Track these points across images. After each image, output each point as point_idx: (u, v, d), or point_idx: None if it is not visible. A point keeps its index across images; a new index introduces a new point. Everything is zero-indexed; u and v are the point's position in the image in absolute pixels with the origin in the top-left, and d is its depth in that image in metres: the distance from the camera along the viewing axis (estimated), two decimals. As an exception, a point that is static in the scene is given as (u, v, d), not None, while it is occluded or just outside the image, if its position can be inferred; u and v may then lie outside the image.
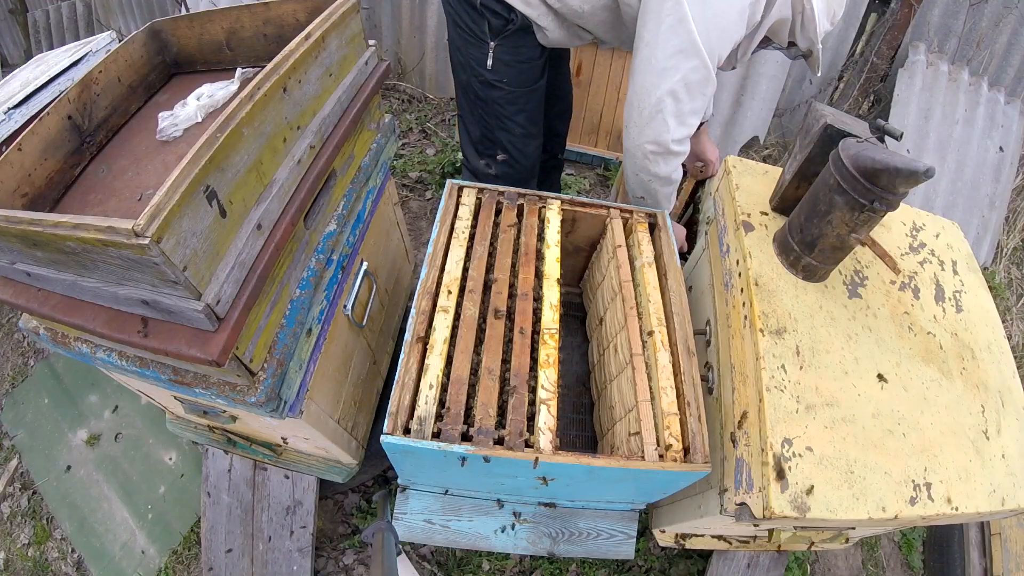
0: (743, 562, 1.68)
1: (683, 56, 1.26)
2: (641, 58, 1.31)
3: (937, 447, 1.09)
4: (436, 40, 3.10)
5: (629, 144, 1.41)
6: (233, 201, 0.87)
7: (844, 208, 1.07)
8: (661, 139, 1.36)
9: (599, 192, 2.98)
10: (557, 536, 1.53)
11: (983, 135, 2.89)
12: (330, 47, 1.13)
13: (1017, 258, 3.06)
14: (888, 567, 2.03)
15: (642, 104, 1.33)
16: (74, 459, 2.07)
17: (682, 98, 1.31)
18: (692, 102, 1.33)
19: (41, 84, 1.83)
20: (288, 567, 1.68)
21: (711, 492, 1.23)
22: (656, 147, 1.37)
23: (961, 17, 2.88)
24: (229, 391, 1.00)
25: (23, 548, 1.99)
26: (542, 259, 1.37)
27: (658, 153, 1.38)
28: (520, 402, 1.11)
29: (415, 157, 2.95)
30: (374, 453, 1.70)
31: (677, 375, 1.20)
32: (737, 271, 1.26)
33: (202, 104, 1.15)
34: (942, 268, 1.38)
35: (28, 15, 4.48)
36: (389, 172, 1.58)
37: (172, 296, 0.81)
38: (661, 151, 1.38)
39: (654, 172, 1.43)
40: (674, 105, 1.31)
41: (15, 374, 2.38)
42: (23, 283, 0.93)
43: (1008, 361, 1.28)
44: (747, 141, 3.01)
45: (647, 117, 1.34)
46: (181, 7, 3.03)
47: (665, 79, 1.28)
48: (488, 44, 1.51)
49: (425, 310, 1.20)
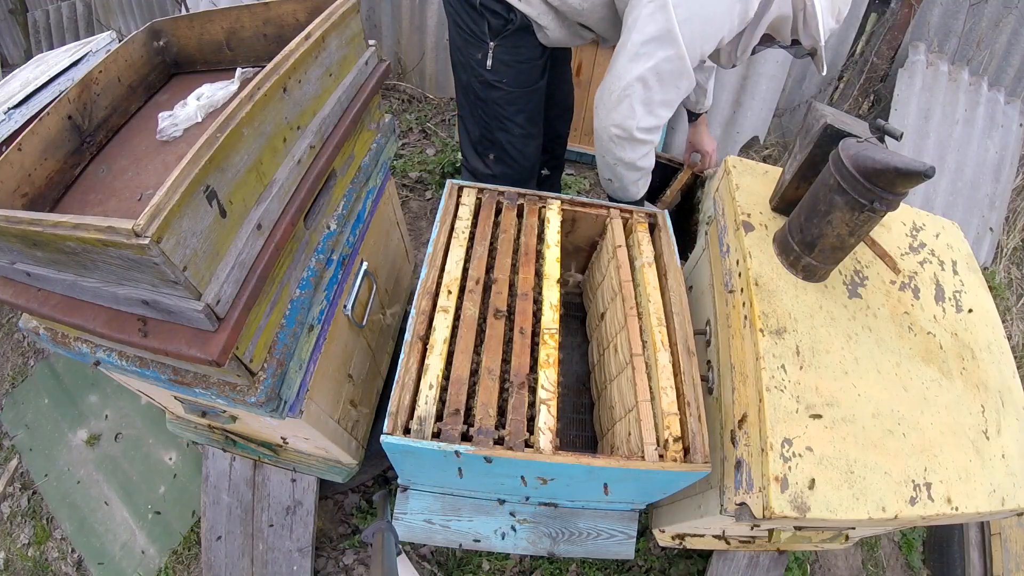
0: (743, 562, 1.68)
1: (658, 44, 1.24)
2: (620, 42, 1.31)
3: (937, 447, 1.09)
4: (436, 40, 3.09)
5: (597, 125, 1.41)
6: (233, 201, 0.87)
7: (844, 208, 1.07)
8: (626, 124, 1.34)
9: (599, 192, 2.98)
10: (557, 536, 1.53)
11: (983, 135, 2.89)
12: (330, 47, 1.13)
13: (1017, 258, 3.06)
14: (888, 567, 2.03)
15: (612, 87, 1.32)
16: (74, 459, 2.07)
17: (652, 86, 1.29)
18: (663, 92, 1.31)
19: (41, 84, 1.83)
20: (288, 567, 1.68)
21: (711, 492, 1.23)
22: (621, 132, 1.36)
23: (961, 17, 2.88)
24: (229, 391, 1.00)
25: (23, 548, 1.99)
26: (542, 259, 1.37)
27: (623, 138, 1.37)
28: (520, 402, 1.11)
29: (415, 157, 2.95)
30: (374, 453, 1.70)
31: (677, 375, 1.20)
32: (737, 271, 1.26)
33: (202, 104, 1.15)
34: (942, 268, 1.38)
35: (28, 15, 4.48)
36: (389, 172, 1.58)
37: (172, 296, 0.81)
38: (625, 136, 1.36)
39: (618, 156, 1.42)
40: (643, 92, 1.30)
41: (15, 374, 2.38)
42: (23, 283, 0.93)
43: (1008, 361, 1.28)
44: (747, 141, 3.01)
45: (615, 101, 1.33)
46: (181, 7, 3.03)
47: (637, 64, 1.27)
48: (488, 44, 1.51)
49: (425, 310, 1.20)
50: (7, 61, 4.77)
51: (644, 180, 1.53)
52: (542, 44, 1.55)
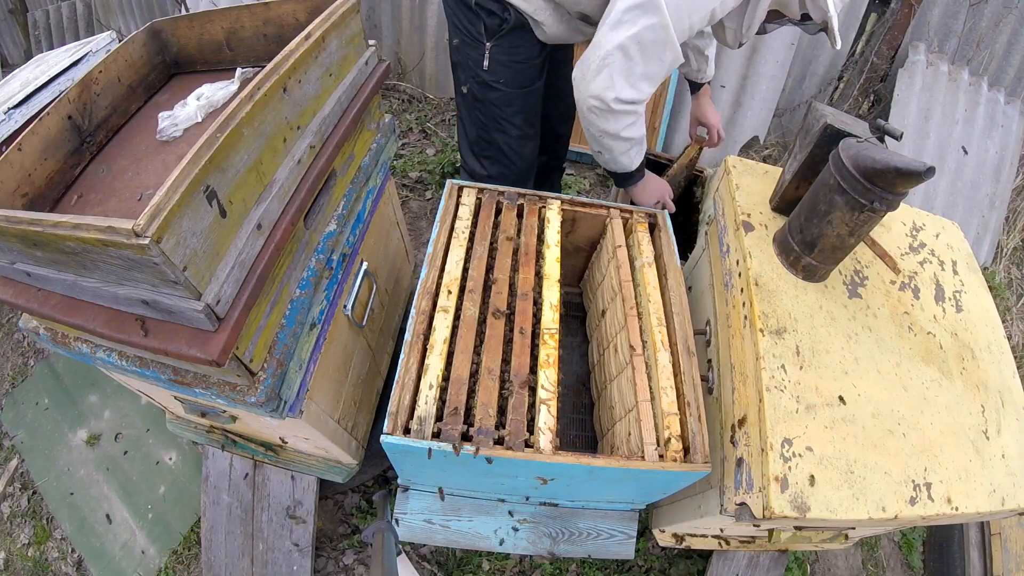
0: (743, 562, 1.68)
1: (640, 11, 1.18)
2: (604, 14, 1.27)
3: (937, 447, 1.09)
4: (436, 40, 3.10)
5: (576, 97, 1.35)
6: (233, 201, 0.87)
7: (844, 208, 1.07)
8: (604, 96, 1.28)
9: (599, 192, 2.98)
10: (557, 536, 1.53)
11: (983, 135, 2.89)
12: (330, 47, 1.13)
13: (1017, 258, 3.06)
14: (888, 567, 2.03)
15: (592, 56, 1.27)
16: (74, 459, 2.07)
17: (633, 56, 1.23)
18: (645, 64, 1.25)
19: (41, 84, 1.83)
20: (288, 567, 1.68)
21: (711, 492, 1.23)
22: (599, 103, 1.30)
23: (961, 17, 2.88)
24: (229, 391, 1.00)
25: (23, 548, 1.99)
26: (542, 259, 1.37)
27: (602, 110, 1.31)
28: (520, 402, 1.11)
29: (415, 157, 2.95)
30: (374, 453, 1.70)
31: (677, 375, 1.20)
32: (737, 271, 1.26)
33: (202, 104, 1.15)
34: (942, 268, 1.38)
35: (28, 15, 4.48)
36: (389, 172, 1.58)
37: (172, 296, 0.81)
38: (603, 108, 1.30)
39: (601, 128, 1.36)
40: (624, 62, 1.24)
41: (15, 374, 2.38)
42: (23, 283, 0.93)
43: (1008, 361, 1.28)
44: (747, 141, 3.01)
45: (593, 71, 1.27)
46: (181, 7, 3.03)
47: (618, 32, 1.21)
48: (484, 45, 1.51)
49: (425, 310, 1.20)
50: (7, 61, 4.77)
51: (636, 150, 1.45)
52: (540, 43, 1.54)
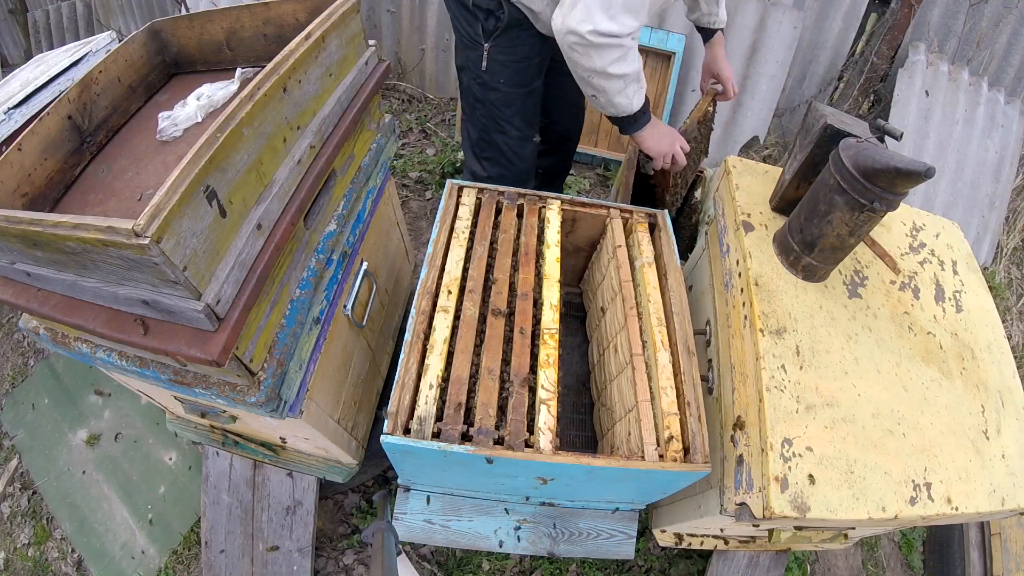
0: (743, 562, 1.68)
1: None
2: None
3: (937, 447, 1.08)
4: (436, 40, 3.10)
5: (558, 40, 1.29)
6: (233, 201, 0.87)
7: (844, 208, 1.07)
8: (579, 29, 1.20)
9: (599, 192, 2.98)
10: (557, 536, 1.53)
11: (983, 135, 2.89)
12: (330, 47, 1.13)
13: (1017, 258, 3.06)
14: (888, 567, 2.03)
15: None
16: (74, 459, 2.07)
17: None
18: None
19: (41, 84, 1.83)
20: (288, 567, 1.68)
21: (711, 492, 1.23)
22: (576, 38, 1.23)
23: (961, 17, 2.88)
24: (229, 391, 1.00)
25: (23, 548, 1.99)
26: (542, 259, 1.37)
27: (583, 45, 1.24)
28: (520, 402, 1.11)
29: (415, 157, 2.95)
30: (374, 453, 1.70)
31: (677, 375, 1.20)
32: (737, 271, 1.26)
33: (202, 104, 1.15)
34: (942, 268, 1.38)
35: (28, 15, 4.47)
36: (389, 172, 1.58)
37: (172, 296, 0.81)
38: (582, 42, 1.23)
39: (586, 65, 1.29)
40: None
41: (15, 374, 2.38)
42: (23, 283, 0.93)
43: (1008, 361, 1.28)
44: (747, 141, 3.00)
45: (569, 4, 1.21)
46: (181, 7, 3.03)
47: None
48: (482, 46, 1.51)
49: (425, 310, 1.20)
50: (7, 61, 4.77)
51: (632, 88, 1.36)
52: (538, 41, 1.53)
